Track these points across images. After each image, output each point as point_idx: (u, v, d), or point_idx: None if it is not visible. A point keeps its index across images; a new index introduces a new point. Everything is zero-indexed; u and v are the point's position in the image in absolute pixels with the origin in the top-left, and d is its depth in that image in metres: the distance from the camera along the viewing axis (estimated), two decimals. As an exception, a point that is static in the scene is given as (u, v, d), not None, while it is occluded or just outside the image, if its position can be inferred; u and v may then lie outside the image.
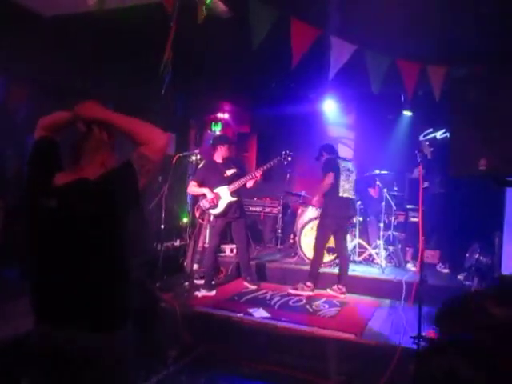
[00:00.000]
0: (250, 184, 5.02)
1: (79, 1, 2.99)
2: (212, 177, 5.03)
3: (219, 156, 5.10)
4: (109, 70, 4.81)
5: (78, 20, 3.74)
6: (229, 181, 5.03)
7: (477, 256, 5.25)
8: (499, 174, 3.12)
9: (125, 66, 4.86)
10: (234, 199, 5.01)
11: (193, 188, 5.07)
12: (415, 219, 6.13)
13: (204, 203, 5.04)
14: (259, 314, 4.23)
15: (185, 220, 6.41)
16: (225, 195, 5.00)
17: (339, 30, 3.59)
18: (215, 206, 4.99)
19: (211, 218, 5.15)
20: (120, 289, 1.74)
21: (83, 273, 1.64)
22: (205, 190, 4.97)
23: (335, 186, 4.95)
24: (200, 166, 5.36)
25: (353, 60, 3.92)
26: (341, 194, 4.99)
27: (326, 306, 4.59)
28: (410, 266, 5.87)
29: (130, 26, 3.73)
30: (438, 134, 6.56)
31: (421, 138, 6.65)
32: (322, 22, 3.68)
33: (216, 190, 4.99)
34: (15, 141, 4.59)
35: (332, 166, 4.99)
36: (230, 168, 5.08)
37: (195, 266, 5.59)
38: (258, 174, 4.94)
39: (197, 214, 5.34)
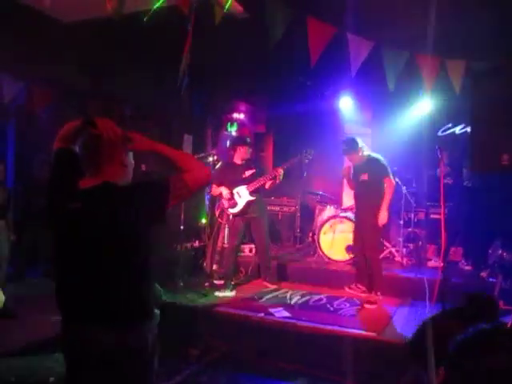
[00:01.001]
0: (268, 184, 5.04)
1: (98, 7, 3.04)
2: (230, 177, 5.07)
3: (238, 157, 5.13)
4: (127, 73, 4.87)
5: (96, 25, 3.80)
6: (248, 181, 5.05)
7: (500, 252, 5.15)
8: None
9: (142, 68, 4.92)
10: (253, 198, 5.03)
11: (214, 189, 5.19)
12: (436, 216, 6.05)
13: (224, 202, 5.10)
14: (280, 313, 4.23)
15: (203, 221, 6.44)
16: (244, 194, 5.03)
17: (356, 26, 3.57)
18: (234, 205, 5.03)
19: (230, 217, 5.18)
20: (144, 289, 1.77)
21: (108, 274, 1.67)
22: (221, 189, 5.04)
23: None
24: (217, 167, 5.41)
25: (369, 56, 3.89)
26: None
27: (347, 305, 4.57)
28: (431, 263, 5.78)
29: (147, 29, 3.76)
30: (457, 130, 6.46)
31: (439, 133, 6.55)
32: (338, 19, 3.66)
33: (235, 190, 5.02)
34: (41, 143, 4.70)
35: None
36: (249, 169, 5.11)
37: (214, 267, 5.62)
38: (279, 172, 4.93)
39: (216, 214, 5.38)
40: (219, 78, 5.90)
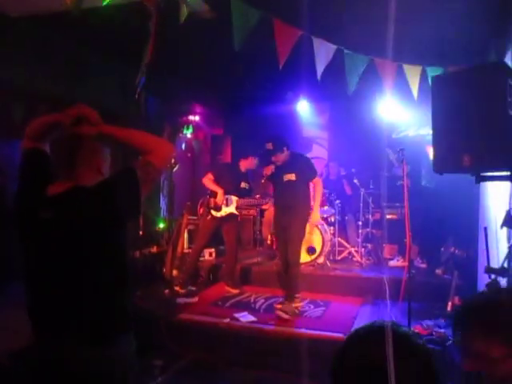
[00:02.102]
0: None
1: (53, 0, 2.85)
2: (229, 180, 5.09)
3: (244, 165, 5.18)
4: (84, 74, 4.63)
5: (50, 20, 3.57)
6: (241, 193, 5.13)
7: (452, 250, 5.39)
8: (481, 169, 3.18)
9: (100, 69, 4.69)
10: (236, 213, 5.15)
11: (209, 181, 5.10)
12: (391, 216, 6.24)
13: (211, 200, 5.07)
14: (245, 318, 4.17)
15: (161, 225, 6.26)
16: (231, 205, 5.09)
17: (320, 29, 3.58)
18: (219, 209, 5.05)
19: (209, 217, 5.12)
20: (120, 300, 1.67)
21: (82, 284, 1.56)
22: (219, 191, 5.01)
23: None
24: (221, 163, 5.73)
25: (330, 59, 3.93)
26: None
27: (312, 307, 4.59)
28: (393, 262, 5.91)
29: (106, 27, 3.59)
30: (411, 132, 6.70)
31: (393, 136, 6.77)
32: (302, 22, 3.66)
33: (227, 196, 5.06)
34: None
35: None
36: (245, 180, 5.21)
37: (174, 273, 5.47)
38: (265, 204, 5.32)
39: (200, 211, 5.30)
40: (176, 79, 5.76)
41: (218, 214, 5.07)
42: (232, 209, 5.09)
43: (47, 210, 1.53)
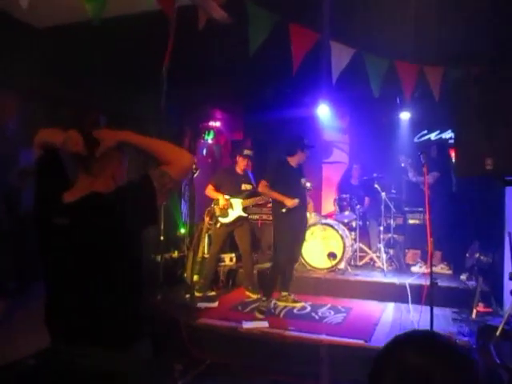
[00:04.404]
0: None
1: (75, 11, 2.93)
2: (229, 184, 5.14)
3: (239, 167, 5.21)
4: (102, 80, 4.73)
5: (71, 29, 3.66)
6: (244, 195, 5.14)
7: (477, 255, 5.24)
8: (505, 173, 3.10)
9: (119, 76, 4.78)
10: (245, 215, 5.15)
11: (210, 191, 5.17)
12: (413, 221, 6.13)
13: (216, 209, 5.10)
14: (265, 323, 4.15)
15: (182, 230, 6.31)
16: (237, 208, 5.11)
17: (337, 33, 3.57)
18: (226, 214, 5.07)
19: (218, 225, 5.14)
20: (134, 304, 1.68)
21: (97, 289, 1.57)
22: (219, 196, 5.05)
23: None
24: (219, 170, 5.60)
25: (349, 63, 3.90)
26: None
27: (332, 313, 4.54)
28: (414, 268, 5.79)
29: (124, 35, 3.67)
30: (433, 136, 6.60)
31: (415, 139, 6.67)
32: (319, 25, 3.65)
33: (230, 200, 5.09)
34: (6, 154, 4.47)
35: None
36: (247, 182, 5.23)
37: (195, 278, 5.50)
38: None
39: (207, 218, 5.32)
40: (197, 84, 5.82)
41: (226, 220, 5.08)
42: (239, 212, 5.09)
43: (63, 216, 1.55)
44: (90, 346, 1.55)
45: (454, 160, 4.07)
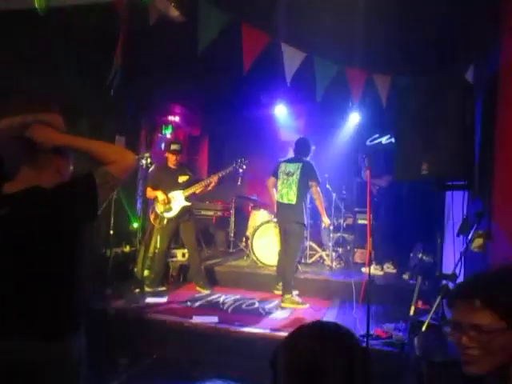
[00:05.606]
0: (200, 190, 5.18)
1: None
2: (165, 181, 5.12)
3: (171, 162, 5.20)
4: (54, 71, 4.61)
5: (19, 17, 3.56)
6: (183, 186, 5.13)
7: (420, 256, 5.51)
8: (440, 178, 3.30)
9: (72, 67, 4.68)
10: (188, 204, 5.14)
11: (149, 192, 5.19)
12: (363, 221, 6.35)
13: (158, 207, 5.05)
14: (213, 318, 4.21)
15: (135, 225, 6.26)
16: (179, 199, 5.10)
17: (290, 36, 3.65)
18: (169, 209, 5.06)
19: (164, 221, 5.14)
20: (71, 297, 1.70)
21: (33, 281, 1.59)
22: (157, 193, 5.05)
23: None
24: (150, 169, 5.42)
25: (303, 66, 4.01)
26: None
27: (279, 309, 4.65)
28: (364, 268, 5.98)
29: (77, 25, 3.60)
30: (384, 140, 6.85)
31: (367, 142, 6.90)
32: (273, 28, 3.73)
33: (170, 195, 5.07)
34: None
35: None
36: (183, 174, 5.20)
37: (146, 272, 5.48)
38: (213, 180, 5.10)
39: (151, 217, 5.30)
40: (155, 79, 5.77)
41: (172, 214, 5.10)
42: (182, 202, 5.10)
43: (4, 206, 1.56)
44: (23, 338, 1.55)
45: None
